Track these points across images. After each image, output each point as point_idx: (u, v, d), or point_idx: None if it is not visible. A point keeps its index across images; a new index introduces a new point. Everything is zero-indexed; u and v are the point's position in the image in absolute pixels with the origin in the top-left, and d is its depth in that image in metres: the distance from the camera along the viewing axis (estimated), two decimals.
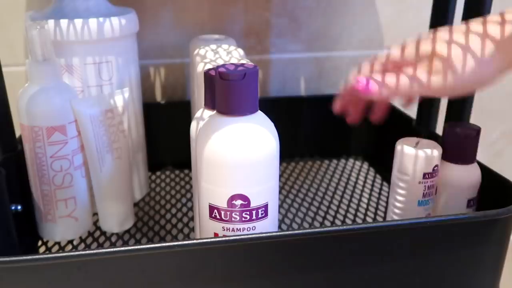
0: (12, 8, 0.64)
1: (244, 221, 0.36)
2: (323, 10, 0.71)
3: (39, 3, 0.64)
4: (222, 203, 0.35)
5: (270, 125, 0.36)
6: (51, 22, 0.48)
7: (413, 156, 0.45)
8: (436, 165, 0.45)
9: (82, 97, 0.50)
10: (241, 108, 0.34)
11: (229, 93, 0.34)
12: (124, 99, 0.50)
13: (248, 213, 0.35)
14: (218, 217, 0.36)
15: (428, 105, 0.59)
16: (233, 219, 0.36)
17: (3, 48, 0.49)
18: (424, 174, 0.45)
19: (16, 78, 0.63)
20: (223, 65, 0.35)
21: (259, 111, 0.36)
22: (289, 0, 0.70)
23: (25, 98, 0.45)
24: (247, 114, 0.35)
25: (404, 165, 0.45)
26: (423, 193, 0.45)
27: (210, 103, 0.42)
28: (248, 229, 0.36)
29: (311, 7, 0.71)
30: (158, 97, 0.71)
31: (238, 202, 0.35)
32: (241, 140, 0.34)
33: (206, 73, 0.41)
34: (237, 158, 0.34)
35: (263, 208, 0.36)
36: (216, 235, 0.37)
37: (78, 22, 0.48)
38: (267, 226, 0.37)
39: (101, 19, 0.49)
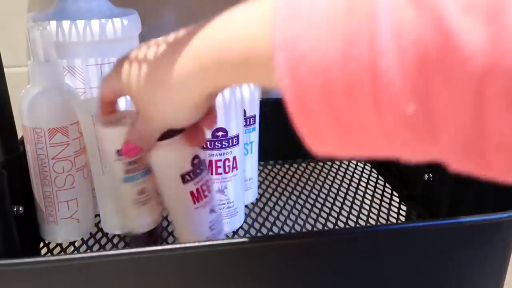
0: (14, 9, 0.64)
1: (224, 147, 0.47)
2: None
3: (41, 4, 0.64)
4: (208, 135, 0.46)
5: None
6: (53, 23, 0.48)
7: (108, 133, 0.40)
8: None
9: (84, 98, 0.50)
10: None
11: None
12: (126, 100, 0.49)
13: (226, 141, 0.47)
14: (205, 146, 0.47)
15: None
16: (216, 146, 0.47)
17: (5, 49, 0.49)
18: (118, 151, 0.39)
19: (18, 79, 0.63)
20: None
21: None
22: None
23: (27, 99, 0.45)
24: None
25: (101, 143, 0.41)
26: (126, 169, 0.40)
27: None
28: (227, 153, 0.48)
29: None
30: None
31: (220, 133, 0.47)
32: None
33: None
34: (218, 102, 0.45)
35: (236, 138, 0.48)
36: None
37: (80, 23, 0.48)
38: (239, 151, 0.49)
39: (103, 20, 0.49)
